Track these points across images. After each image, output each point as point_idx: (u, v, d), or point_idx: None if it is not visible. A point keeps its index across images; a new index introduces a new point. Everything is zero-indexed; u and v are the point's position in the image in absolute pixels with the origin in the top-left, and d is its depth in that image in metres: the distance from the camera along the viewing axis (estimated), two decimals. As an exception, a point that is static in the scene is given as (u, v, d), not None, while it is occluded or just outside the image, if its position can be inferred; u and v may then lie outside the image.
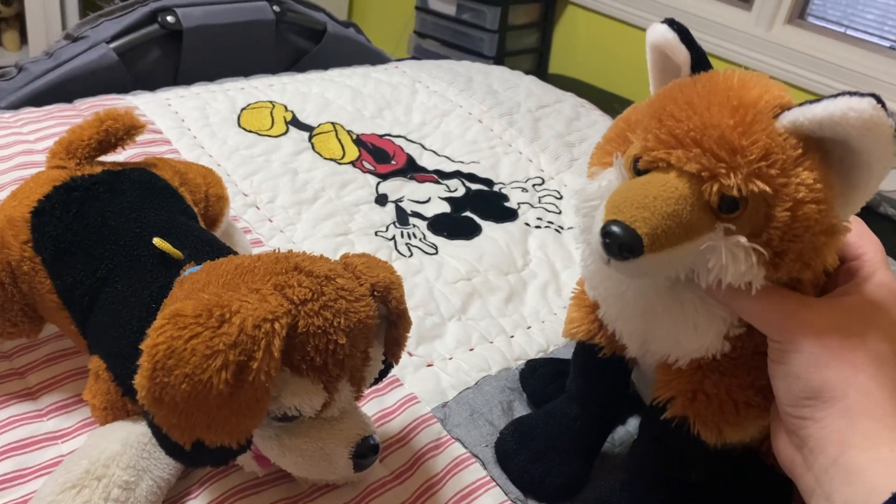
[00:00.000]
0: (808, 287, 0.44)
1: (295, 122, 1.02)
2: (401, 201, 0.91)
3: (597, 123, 1.19)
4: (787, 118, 0.39)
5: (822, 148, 0.40)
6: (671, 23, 0.45)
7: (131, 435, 0.49)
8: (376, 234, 0.84)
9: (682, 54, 0.45)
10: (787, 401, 0.42)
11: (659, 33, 0.45)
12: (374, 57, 1.38)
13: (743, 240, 0.40)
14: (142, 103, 0.99)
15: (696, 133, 0.40)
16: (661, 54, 0.46)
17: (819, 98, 0.39)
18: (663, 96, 0.43)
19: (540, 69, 2.46)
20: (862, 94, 0.37)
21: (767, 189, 0.39)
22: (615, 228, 0.39)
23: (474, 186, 0.97)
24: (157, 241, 0.51)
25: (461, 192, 0.95)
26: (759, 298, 0.41)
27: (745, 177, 0.39)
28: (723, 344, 0.45)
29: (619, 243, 0.39)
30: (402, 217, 0.88)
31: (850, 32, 1.90)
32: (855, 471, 0.38)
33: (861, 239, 0.46)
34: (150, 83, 1.09)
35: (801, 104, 0.40)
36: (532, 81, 1.30)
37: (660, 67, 0.47)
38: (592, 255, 0.47)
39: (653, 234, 0.39)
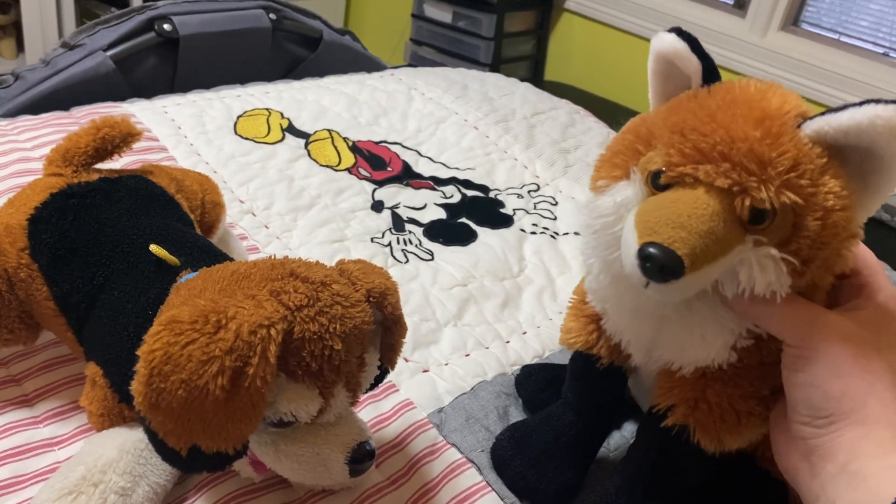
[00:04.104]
0: (821, 293, 0.44)
1: (291, 130, 1.02)
2: (397, 208, 0.91)
3: (591, 130, 1.20)
4: (811, 127, 0.40)
5: (841, 155, 0.40)
6: (679, 32, 0.44)
7: (128, 441, 0.49)
8: (372, 240, 0.84)
9: (694, 64, 0.44)
10: (805, 410, 0.42)
11: (668, 43, 0.45)
12: (370, 64, 1.38)
13: (773, 251, 0.40)
14: (138, 111, 0.99)
15: (723, 147, 0.39)
16: (667, 63, 0.46)
17: (841, 106, 0.39)
18: (680, 109, 0.43)
19: (535, 76, 2.47)
20: (886, 102, 0.37)
21: (799, 200, 0.39)
22: (654, 251, 0.38)
23: (470, 193, 0.97)
24: (153, 247, 0.51)
25: (457, 198, 0.96)
26: (781, 306, 0.41)
27: (777, 189, 0.39)
28: (729, 354, 0.45)
29: (660, 266, 0.38)
30: (398, 223, 0.88)
31: (843, 39, 1.91)
32: (862, 477, 0.38)
33: (859, 254, 0.46)
34: (147, 91, 1.09)
35: (822, 113, 0.40)
36: (527, 88, 1.30)
37: (664, 76, 0.47)
38: (605, 270, 0.46)
39: (692, 254, 0.38)
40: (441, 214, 0.92)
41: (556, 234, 0.92)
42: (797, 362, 0.42)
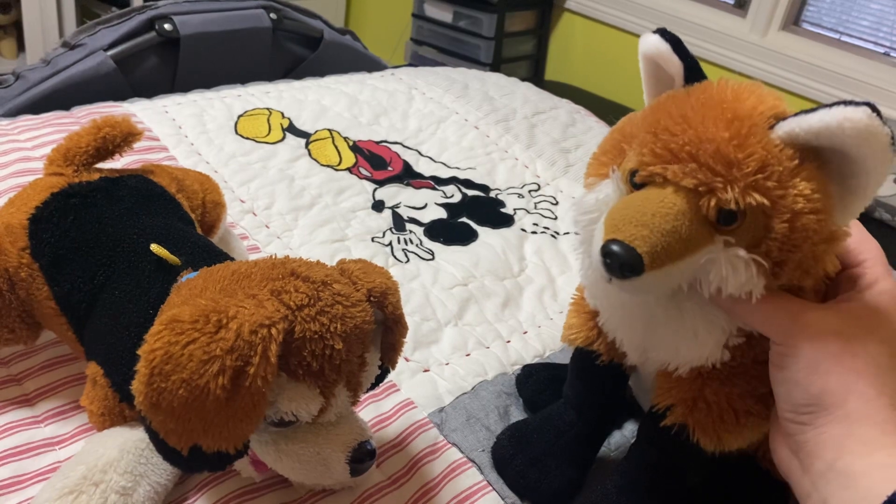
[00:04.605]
0: (809, 293, 0.44)
1: (292, 129, 1.02)
2: (397, 207, 0.91)
3: (592, 129, 1.20)
4: (783, 129, 0.39)
5: (820, 156, 0.40)
6: (663, 33, 0.45)
7: (128, 441, 0.49)
8: (373, 240, 0.84)
9: (675, 65, 0.44)
10: (787, 406, 0.42)
11: (651, 44, 0.45)
12: (370, 64, 1.38)
13: (742, 252, 0.40)
14: (139, 110, 0.99)
15: (691, 147, 0.40)
16: (654, 64, 0.46)
17: (814, 108, 0.39)
18: (657, 109, 0.43)
19: (536, 76, 2.47)
20: (857, 103, 0.37)
21: (765, 202, 0.39)
22: (615, 248, 0.39)
23: (470, 192, 0.97)
24: (154, 247, 0.51)
25: (457, 198, 0.96)
26: (763, 302, 0.41)
27: (742, 190, 0.39)
28: (722, 353, 0.45)
29: (620, 263, 0.39)
30: (399, 223, 0.88)
31: (844, 39, 1.91)
32: (851, 475, 0.38)
33: (861, 244, 0.46)
34: (148, 90, 1.09)
35: (796, 114, 0.40)
36: (528, 88, 1.30)
37: (653, 77, 0.47)
38: (593, 267, 0.47)
39: (652, 252, 0.39)
40: (442, 214, 0.92)
41: (557, 233, 0.92)
42: (780, 359, 0.42)
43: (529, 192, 1.00)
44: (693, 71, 0.44)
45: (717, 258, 0.40)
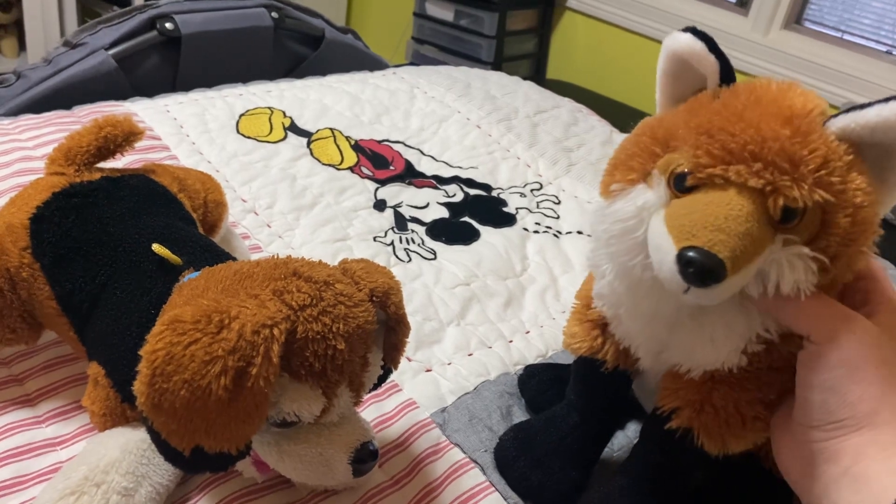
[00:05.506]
0: (834, 294, 0.44)
1: (293, 128, 1.02)
2: (399, 207, 0.91)
3: (594, 129, 1.19)
4: (837, 125, 0.39)
5: (861, 152, 0.40)
6: (695, 31, 0.43)
7: (130, 441, 0.49)
8: (375, 239, 0.84)
9: (711, 64, 0.43)
10: (818, 414, 0.41)
11: (685, 43, 0.44)
12: (372, 63, 1.38)
13: (805, 249, 0.39)
14: (140, 110, 0.99)
15: (754, 146, 0.39)
16: (680, 63, 0.45)
17: (867, 104, 0.39)
18: (702, 109, 0.42)
19: (538, 75, 2.46)
20: None
21: (831, 198, 0.39)
22: (694, 255, 0.38)
23: (472, 191, 0.97)
24: (156, 247, 0.51)
25: (459, 197, 0.96)
26: (809, 302, 0.41)
27: (810, 187, 0.38)
28: (740, 358, 0.44)
29: (702, 270, 0.38)
30: (401, 222, 0.88)
31: (846, 37, 1.90)
32: (865, 479, 0.38)
33: None
34: (149, 90, 1.09)
35: (847, 110, 0.40)
36: (530, 87, 1.30)
37: (674, 77, 0.46)
38: (622, 276, 0.45)
39: (733, 256, 0.38)
40: (444, 213, 0.92)
41: (559, 233, 0.92)
42: (816, 361, 0.41)
43: (531, 191, 1.00)
44: (728, 71, 0.43)
45: (779, 257, 0.40)
